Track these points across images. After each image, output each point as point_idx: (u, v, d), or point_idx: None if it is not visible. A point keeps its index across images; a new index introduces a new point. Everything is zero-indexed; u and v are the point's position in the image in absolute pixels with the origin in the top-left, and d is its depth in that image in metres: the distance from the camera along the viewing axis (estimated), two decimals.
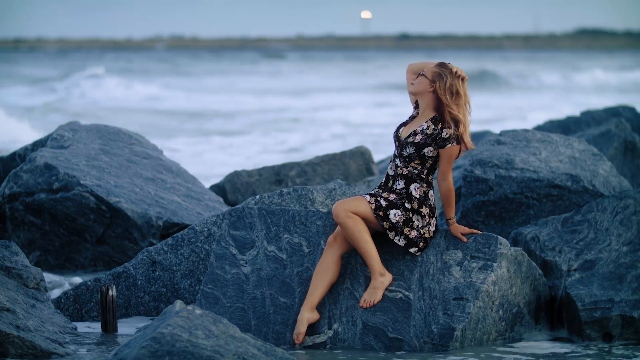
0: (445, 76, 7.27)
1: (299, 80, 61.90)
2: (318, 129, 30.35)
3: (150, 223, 9.98)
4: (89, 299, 8.52)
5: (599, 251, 7.93)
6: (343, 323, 7.28)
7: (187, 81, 59.53)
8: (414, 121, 7.41)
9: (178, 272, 8.47)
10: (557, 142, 9.88)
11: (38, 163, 10.29)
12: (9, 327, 7.01)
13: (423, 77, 7.34)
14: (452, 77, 7.27)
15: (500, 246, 7.31)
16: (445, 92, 7.25)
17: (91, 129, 11.30)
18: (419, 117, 7.39)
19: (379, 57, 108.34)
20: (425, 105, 7.36)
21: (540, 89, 52.85)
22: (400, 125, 7.49)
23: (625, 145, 13.11)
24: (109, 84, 50.41)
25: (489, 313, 7.27)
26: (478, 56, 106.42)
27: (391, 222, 7.21)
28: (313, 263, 7.44)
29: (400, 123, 7.53)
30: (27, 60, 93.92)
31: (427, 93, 7.32)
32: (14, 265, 7.74)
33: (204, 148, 25.49)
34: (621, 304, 7.48)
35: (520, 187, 9.51)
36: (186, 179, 11.09)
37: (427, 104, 7.35)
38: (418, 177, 7.28)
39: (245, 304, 7.47)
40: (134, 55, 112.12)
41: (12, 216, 10.27)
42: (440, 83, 7.28)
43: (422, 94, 7.34)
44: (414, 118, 7.46)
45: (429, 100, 7.33)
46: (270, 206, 8.08)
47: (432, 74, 7.31)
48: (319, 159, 12.84)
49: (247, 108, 39.97)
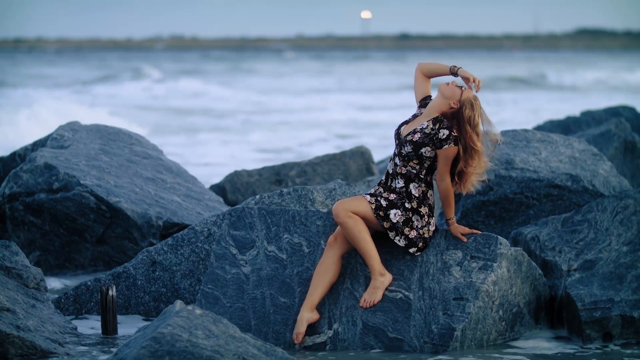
0: (475, 110, 7.23)
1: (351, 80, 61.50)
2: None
3: (150, 223, 9.98)
4: (89, 299, 8.52)
5: (599, 251, 7.93)
6: (343, 323, 7.28)
7: (262, 81, 59.39)
8: (416, 120, 7.40)
9: (178, 272, 8.47)
10: (557, 142, 9.88)
11: (38, 163, 10.28)
12: (9, 327, 7.01)
13: (458, 90, 7.30)
14: (479, 114, 7.24)
15: (500, 246, 7.31)
16: (467, 122, 7.22)
17: (91, 129, 11.29)
18: (422, 116, 7.38)
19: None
20: (434, 106, 7.32)
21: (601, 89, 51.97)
22: (402, 123, 7.48)
23: (625, 145, 13.11)
24: (191, 84, 50.69)
25: (489, 313, 7.27)
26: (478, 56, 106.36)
27: (391, 222, 7.20)
28: (313, 263, 7.44)
29: (402, 121, 7.52)
30: (47, 61, 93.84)
31: (447, 104, 7.28)
32: (14, 265, 7.74)
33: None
34: (621, 304, 7.48)
35: (520, 187, 9.51)
36: (186, 179, 11.09)
37: (438, 107, 7.31)
38: (417, 177, 7.28)
39: (245, 304, 7.47)
40: (186, 55, 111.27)
41: (12, 216, 10.27)
42: (468, 111, 7.23)
43: (444, 98, 7.29)
44: (416, 117, 7.44)
45: (442, 107, 7.30)
46: (270, 206, 8.08)
47: (466, 99, 7.26)
48: (319, 159, 12.83)
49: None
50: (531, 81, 57.54)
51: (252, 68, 79.28)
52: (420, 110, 7.47)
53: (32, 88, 45.84)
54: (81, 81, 55.76)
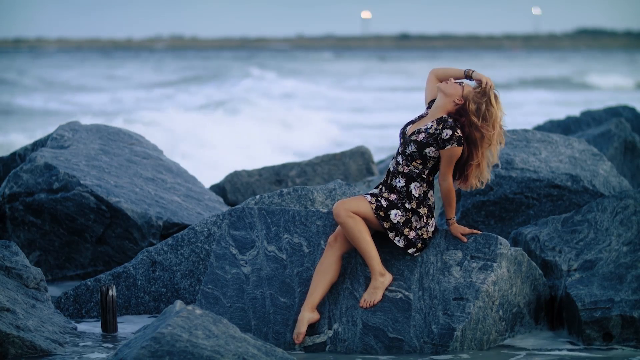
0: (481, 104, 7.22)
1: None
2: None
3: (150, 223, 9.97)
4: (89, 299, 8.52)
5: (599, 251, 7.93)
6: (343, 323, 7.28)
7: (352, 81, 59.03)
8: (422, 120, 7.41)
9: (178, 272, 8.46)
10: (557, 142, 9.88)
11: (38, 163, 10.28)
12: (9, 327, 7.01)
13: (459, 87, 7.30)
14: (488, 104, 7.24)
15: (500, 246, 7.31)
16: (474, 114, 7.21)
17: (91, 129, 11.29)
18: (428, 117, 7.38)
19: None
20: (439, 106, 7.32)
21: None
22: (408, 122, 7.49)
23: (625, 145, 13.11)
24: (286, 83, 50.70)
25: (489, 313, 7.27)
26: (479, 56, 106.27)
27: (392, 222, 7.20)
28: (313, 263, 7.44)
29: (408, 121, 7.53)
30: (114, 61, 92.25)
31: (451, 101, 7.29)
32: (14, 265, 7.74)
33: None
34: (621, 304, 7.48)
35: (520, 187, 9.51)
36: (186, 178, 11.08)
37: (443, 107, 7.32)
38: (419, 177, 7.28)
39: (245, 304, 7.47)
40: (221, 54, 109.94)
41: (12, 216, 10.27)
42: (472, 105, 7.23)
43: (447, 97, 7.30)
44: (422, 117, 7.45)
45: (447, 106, 7.31)
46: (270, 206, 8.08)
47: (468, 94, 7.27)
48: (319, 159, 12.83)
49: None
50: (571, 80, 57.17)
51: (325, 68, 77.76)
52: (426, 110, 7.47)
53: (116, 91, 44.26)
54: (162, 83, 53.68)
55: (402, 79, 61.92)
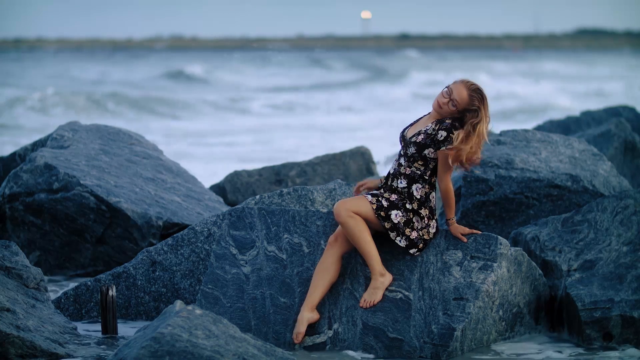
0: (479, 111, 7.22)
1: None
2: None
3: (150, 223, 9.98)
4: (89, 299, 8.52)
5: (599, 251, 7.93)
6: (343, 323, 7.28)
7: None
8: (421, 121, 7.42)
9: (178, 272, 8.46)
10: (557, 142, 9.88)
11: (38, 163, 10.28)
12: (9, 327, 7.01)
13: (452, 108, 7.27)
14: (483, 111, 7.24)
15: (500, 246, 7.31)
16: (472, 127, 7.22)
17: (91, 129, 11.30)
18: (428, 118, 7.39)
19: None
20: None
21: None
22: (408, 125, 7.50)
23: (625, 145, 13.12)
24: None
25: (489, 313, 7.27)
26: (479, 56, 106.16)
27: (392, 222, 7.21)
28: (313, 263, 7.44)
29: (409, 124, 7.53)
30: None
31: (449, 113, 7.30)
32: (14, 265, 7.74)
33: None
34: (621, 304, 7.48)
35: (520, 187, 9.51)
36: (186, 178, 11.09)
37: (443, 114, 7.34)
38: (421, 178, 7.29)
39: (245, 304, 7.47)
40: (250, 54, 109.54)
41: (12, 216, 10.27)
42: (472, 116, 7.23)
43: (444, 114, 7.33)
44: (421, 118, 7.46)
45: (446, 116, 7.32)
46: (270, 206, 8.08)
47: (467, 104, 7.27)
48: (319, 159, 12.84)
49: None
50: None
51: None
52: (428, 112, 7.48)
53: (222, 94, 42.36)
54: (263, 88, 50.84)
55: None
